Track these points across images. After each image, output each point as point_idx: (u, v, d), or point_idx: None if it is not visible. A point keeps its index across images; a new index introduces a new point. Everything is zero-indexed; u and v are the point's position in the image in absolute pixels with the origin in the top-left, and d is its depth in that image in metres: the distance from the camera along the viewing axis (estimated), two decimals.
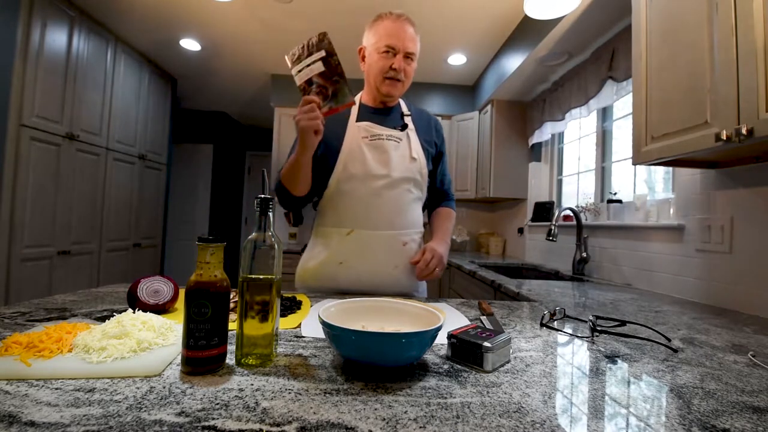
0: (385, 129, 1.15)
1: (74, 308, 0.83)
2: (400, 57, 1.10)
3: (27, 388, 0.44)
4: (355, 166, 1.11)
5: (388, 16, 1.12)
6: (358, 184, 1.11)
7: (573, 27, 1.97)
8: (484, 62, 3.13)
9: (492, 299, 1.41)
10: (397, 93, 1.15)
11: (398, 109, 1.22)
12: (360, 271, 1.12)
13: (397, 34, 1.09)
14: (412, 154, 1.15)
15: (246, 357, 0.54)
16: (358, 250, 1.12)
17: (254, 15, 2.57)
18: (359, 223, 1.11)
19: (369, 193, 1.11)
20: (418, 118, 1.24)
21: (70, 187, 2.49)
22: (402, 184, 1.13)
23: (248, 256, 0.55)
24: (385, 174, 1.11)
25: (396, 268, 1.14)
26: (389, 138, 1.14)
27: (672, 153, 1.07)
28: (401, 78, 1.12)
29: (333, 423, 0.39)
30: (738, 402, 0.48)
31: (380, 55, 1.11)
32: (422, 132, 1.21)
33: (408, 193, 1.15)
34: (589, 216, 2.10)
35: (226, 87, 3.98)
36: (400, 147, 1.15)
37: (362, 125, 1.14)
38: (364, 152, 1.11)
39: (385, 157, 1.12)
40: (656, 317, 1.00)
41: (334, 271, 1.13)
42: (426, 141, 1.21)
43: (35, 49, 2.17)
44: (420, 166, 1.16)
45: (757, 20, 0.83)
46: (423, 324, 0.61)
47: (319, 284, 1.16)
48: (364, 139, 1.12)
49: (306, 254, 1.22)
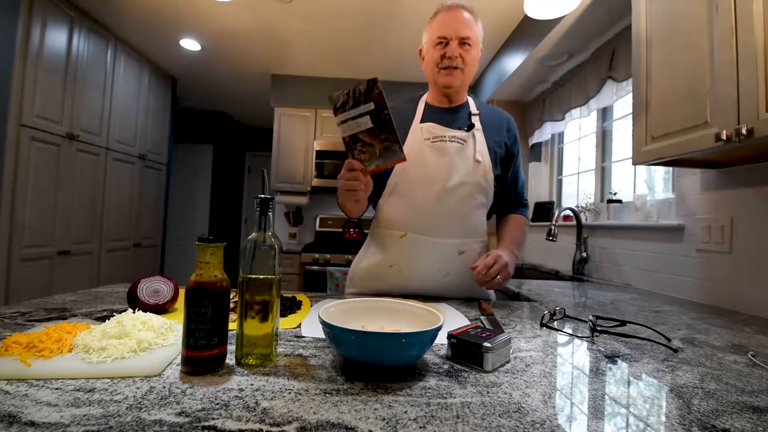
0: (449, 130, 1.08)
1: (74, 308, 0.83)
2: (453, 44, 1.04)
3: (27, 388, 0.44)
4: (415, 169, 1.06)
5: (441, 10, 1.08)
6: (416, 187, 1.06)
7: (573, 27, 1.97)
8: (484, 62, 3.13)
9: None
10: (457, 82, 1.08)
11: (466, 108, 1.15)
12: (409, 275, 1.08)
13: (448, 22, 1.05)
14: (476, 157, 1.07)
15: (246, 357, 0.54)
16: (409, 254, 1.07)
17: (254, 15, 2.57)
18: (413, 228, 1.07)
19: (427, 197, 1.06)
20: (488, 116, 1.15)
21: (70, 187, 2.49)
22: (463, 188, 1.06)
23: (248, 256, 0.55)
24: (446, 178, 1.05)
25: (447, 276, 1.08)
26: (452, 140, 1.07)
27: (672, 153, 1.07)
28: (457, 65, 1.05)
29: (333, 423, 0.39)
30: (738, 402, 0.48)
31: (434, 47, 1.07)
32: (491, 132, 1.12)
33: (470, 198, 1.07)
34: (589, 216, 2.10)
35: (226, 87, 3.98)
36: (465, 149, 1.07)
37: (425, 126, 1.09)
38: (425, 155, 1.06)
39: (447, 159, 1.06)
40: (656, 317, 1.00)
41: (384, 274, 1.10)
42: (495, 142, 1.12)
43: (35, 49, 2.17)
44: (485, 169, 1.08)
45: (757, 21, 0.83)
46: (423, 324, 0.61)
47: (367, 285, 1.13)
48: (426, 141, 1.07)
49: (360, 254, 1.19)
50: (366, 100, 0.80)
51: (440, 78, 1.08)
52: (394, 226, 1.09)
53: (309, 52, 3.10)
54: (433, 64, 1.08)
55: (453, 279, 1.09)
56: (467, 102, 1.16)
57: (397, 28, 2.67)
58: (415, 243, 1.07)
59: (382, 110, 0.79)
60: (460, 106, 1.14)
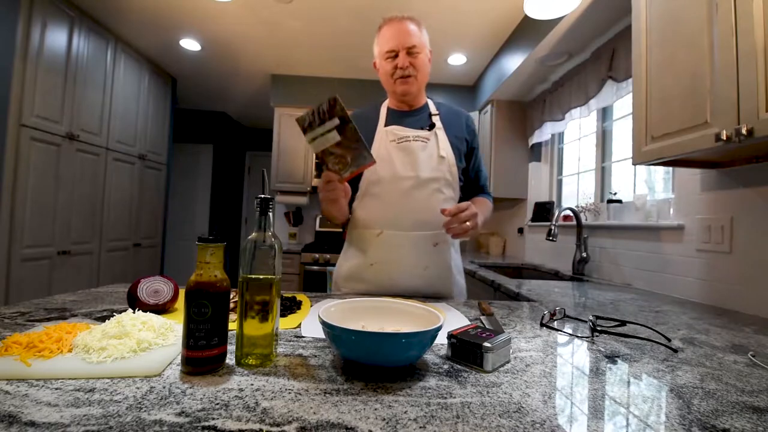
0: (412, 130, 1.16)
1: (74, 308, 0.83)
2: (402, 54, 1.12)
3: (27, 388, 0.44)
4: (384, 169, 1.12)
5: (385, 23, 1.17)
6: (387, 186, 1.12)
7: (573, 27, 1.97)
8: (484, 62, 3.13)
9: (492, 299, 1.41)
10: (413, 89, 1.16)
11: (425, 109, 1.23)
12: (391, 272, 1.12)
13: (395, 35, 1.13)
14: (440, 153, 1.14)
15: (246, 357, 0.54)
16: (388, 251, 1.12)
17: (254, 15, 2.57)
18: (389, 225, 1.12)
19: (398, 195, 1.12)
20: (447, 115, 1.23)
21: (70, 187, 2.49)
22: (431, 184, 1.13)
23: (248, 256, 0.55)
24: (413, 175, 1.12)
25: (427, 269, 1.13)
26: (416, 139, 1.14)
27: (672, 153, 1.07)
28: (410, 73, 1.13)
29: (333, 423, 0.39)
30: (738, 402, 0.48)
31: (386, 60, 1.15)
32: (452, 129, 1.20)
33: (438, 193, 1.14)
34: (589, 216, 2.10)
35: (226, 87, 3.98)
36: (428, 147, 1.14)
37: (389, 129, 1.16)
38: (392, 155, 1.13)
39: (413, 158, 1.13)
40: (656, 317, 1.00)
41: (365, 273, 1.14)
42: (456, 138, 1.19)
43: (35, 49, 2.17)
44: (449, 164, 1.15)
45: (757, 21, 0.83)
46: (423, 324, 0.61)
47: (351, 286, 1.17)
48: (391, 142, 1.14)
49: (341, 258, 1.24)
50: (330, 117, 0.86)
51: (397, 87, 1.16)
52: (370, 226, 1.14)
53: (309, 52, 3.10)
54: (388, 76, 1.16)
55: (432, 272, 1.14)
56: (427, 104, 1.24)
57: None
58: (392, 239, 1.12)
59: (346, 123, 0.87)
60: (419, 108, 1.23)
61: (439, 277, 1.15)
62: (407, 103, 1.20)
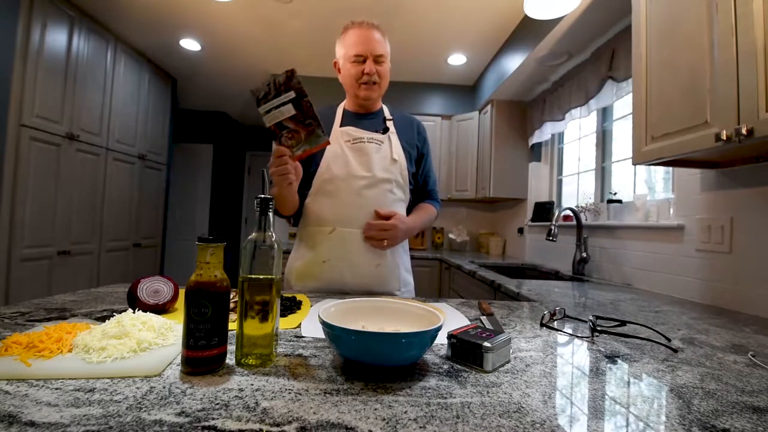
0: (367, 132, 1.20)
1: (74, 308, 0.83)
2: (370, 62, 1.16)
3: (27, 388, 0.44)
4: (338, 167, 1.15)
5: (352, 26, 1.19)
6: (340, 184, 1.15)
7: (573, 27, 1.97)
8: (484, 62, 3.13)
9: (492, 299, 1.41)
10: (375, 95, 1.20)
11: (381, 113, 1.27)
12: (343, 269, 1.15)
13: (363, 41, 1.16)
14: (393, 156, 1.19)
15: (246, 357, 0.54)
16: (340, 248, 1.14)
17: (254, 15, 2.57)
18: (341, 222, 1.14)
19: (351, 193, 1.14)
20: (400, 121, 1.28)
21: (70, 187, 2.49)
22: (383, 184, 1.17)
23: (248, 256, 0.55)
24: (368, 175, 1.15)
25: (378, 267, 1.16)
26: (370, 141, 1.18)
27: (672, 153, 1.07)
28: (375, 80, 1.17)
29: (333, 423, 0.39)
30: (738, 402, 0.48)
31: (351, 64, 1.17)
32: (404, 135, 1.25)
33: (389, 193, 1.18)
34: (589, 216, 2.10)
35: (226, 87, 3.98)
36: (382, 149, 1.19)
37: (344, 129, 1.19)
38: (347, 154, 1.16)
39: (366, 158, 1.16)
40: (656, 317, 1.00)
41: (318, 270, 1.16)
42: (408, 143, 1.25)
43: (35, 49, 2.17)
44: (401, 167, 1.20)
45: (757, 20, 0.83)
46: (423, 324, 0.61)
47: (303, 283, 1.18)
48: (346, 142, 1.18)
49: (292, 255, 1.25)
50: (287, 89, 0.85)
51: (361, 92, 1.19)
52: (323, 223, 1.16)
53: (309, 52, 3.10)
54: (353, 79, 1.19)
55: (383, 269, 1.17)
56: (382, 108, 1.29)
57: (397, 28, 2.67)
58: (344, 236, 1.14)
59: (302, 97, 0.85)
60: (375, 112, 1.27)
61: (390, 274, 1.18)
62: (365, 107, 1.24)
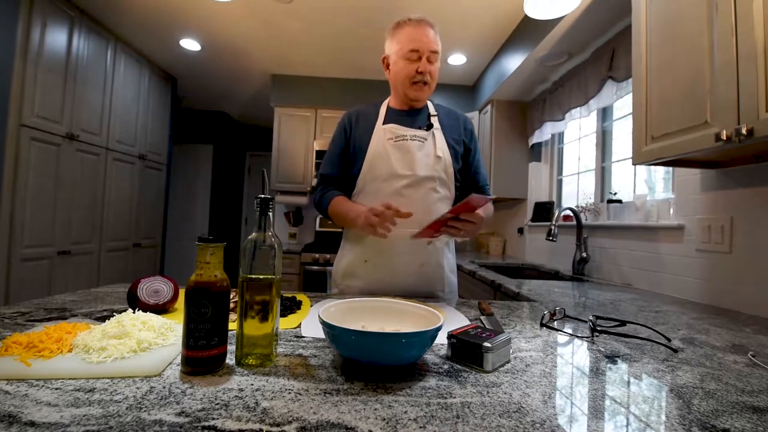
0: (410, 130, 1.16)
1: (74, 308, 0.83)
2: (425, 59, 1.12)
3: (27, 388, 0.44)
4: (380, 166, 1.13)
5: (408, 23, 1.14)
6: (382, 184, 1.13)
7: (573, 27, 1.97)
8: (484, 62, 3.13)
9: (492, 299, 1.41)
10: (425, 96, 1.17)
11: (425, 110, 1.23)
12: (384, 269, 1.14)
13: (420, 37, 1.11)
14: (437, 153, 1.15)
15: (246, 357, 0.54)
16: (381, 248, 1.13)
17: (254, 15, 2.57)
18: None
19: (392, 193, 1.12)
20: (445, 117, 1.23)
21: (70, 187, 2.49)
22: (426, 183, 1.13)
23: (248, 256, 0.55)
24: (409, 174, 1.12)
25: (422, 266, 1.14)
26: (413, 138, 1.15)
27: (672, 153, 1.07)
28: (427, 80, 1.13)
29: (333, 423, 0.39)
30: (738, 402, 0.48)
31: (405, 61, 1.13)
32: (449, 130, 1.21)
33: (433, 192, 1.14)
34: (589, 216, 2.10)
35: (226, 87, 3.98)
36: (425, 146, 1.15)
37: (388, 127, 1.16)
38: (389, 153, 1.13)
39: (409, 157, 1.13)
40: (656, 317, 1.00)
41: (360, 270, 1.16)
42: (453, 139, 1.20)
43: (35, 49, 2.17)
44: (445, 164, 1.16)
45: (757, 21, 0.83)
46: (423, 324, 0.61)
47: (347, 282, 1.18)
48: (389, 140, 1.14)
49: (338, 255, 1.26)
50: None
51: (411, 92, 1.15)
52: None
53: (309, 52, 3.10)
54: (405, 77, 1.14)
55: (427, 269, 1.15)
56: (426, 105, 1.24)
57: None
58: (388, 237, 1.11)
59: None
60: (419, 108, 1.23)
61: (433, 275, 1.16)
62: (412, 105, 1.20)
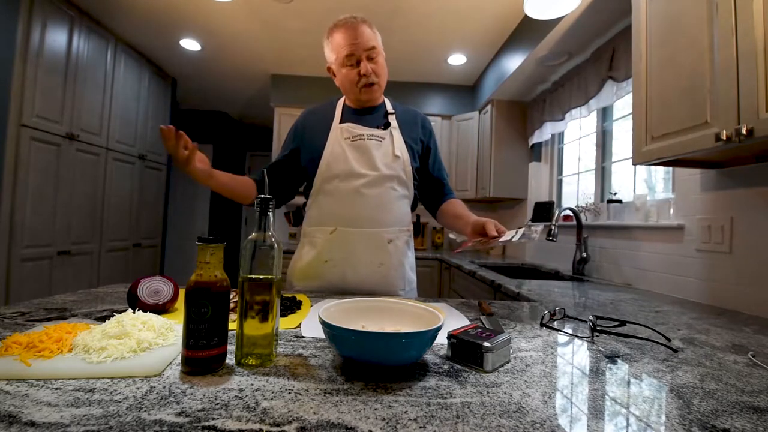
0: (367, 129, 1.15)
1: (74, 308, 0.83)
2: (364, 62, 1.10)
3: (27, 388, 0.44)
4: (338, 165, 1.12)
5: (336, 28, 1.12)
6: (340, 183, 1.12)
7: (573, 27, 1.97)
8: (484, 62, 3.13)
9: (492, 299, 1.41)
10: (377, 95, 1.16)
11: (382, 108, 1.22)
12: (345, 268, 1.13)
13: (351, 40, 1.09)
14: (395, 152, 1.14)
15: (246, 357, 0.54)
16: (342, 248, 1.12)
17: (254, 15, 2.57)
18: (342, 222, 1.12)
19: (351, 192, 1.11)
20: (403, 115, 1.23)
21: (70, 187, 2.49)
22: (385, 182, 1.13)
23: (248, 256, 0.55)
24: (367, 173, 1.11)
25: (381, 266, 1.14)
26: (371, 137, 1.14)
27: (672, 153, 1.07)
28: (373, 80, 1.12)
29: (333, 423, 0.39)
30: (738, 402, 0.48)
31: (346, 68, 1.12)
32: (407, 129, 1.20)
33: (392, 190, 1.14)
34: (589, 216, 2.10)
35: (226, 87, 3.98)
36: (383, 146, 1.14)
37: (344, 126, 1.15)
38: (346, 152, 1.13)
39: (367, 156, 1.12)
40: (656, 317, 1.00)
41: (320, 270, 1.15)
42: (411, 138, 1.20)
43: (35, 49, 2.17)
44: (404, 163, 1.15)
45: (757, 20, 0.83)
46: (423, 324, 0.61)
47: (304, 283, 1.17)
48: (346, 140, 1.14)
49: (295, 255, 1.24)
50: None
51: (362, 96, 1.15)
52: (324, 223, 1.15)
53: (309, 52, 3.10)
54: (351, 83, 1.13)
55: (387, 269, 1.14)
56: (383, 103, 1.23)
57: (397, 28, 2.67)
58: (346, 236, 1.12)
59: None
60: (376, 107, 1.21)
61: (394, 274, 1.15)
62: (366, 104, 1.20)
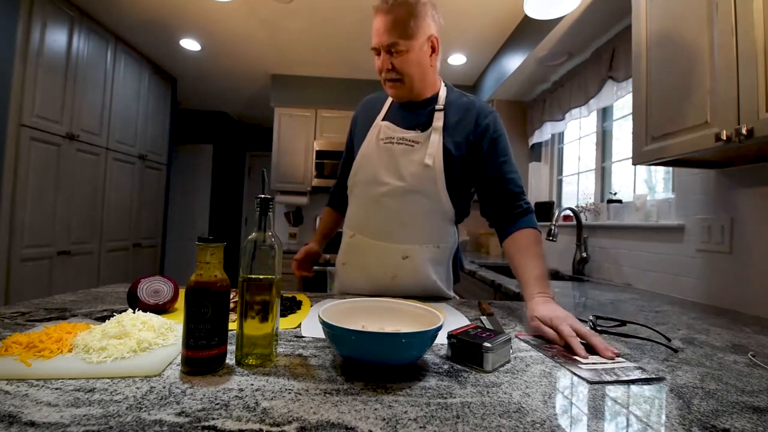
0: (401, 130, 1.03)
1: (74, 308, 0.83)
2: (382, 55, 0.99)
3: (27, 388, 0.44)
4: (365, 170, 1.06)
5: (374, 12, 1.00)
6: (363, 189, 1.07)
7: (573, 27, 1.97)
8: (484, 62, 3.13)
9: (492, 299, 1.41)
10: (401, 94, 1.03)
11: (432, 101, 1.06)
12: (358, 275, 1.11)
13: (376, 29, 0.98)
14: (425, 161, 0.99)
15: (246, 357, 0.54)
16: (357, 254, 1.10)
17: (254, 15, 2.57)
18: (359, 229, 1.09)
19: (370, 200, 1.05)
20: (454, 111, 1.03)
21: (70, 187, 2.49)
22: (407, 194, 1.00)
23: (248, 256, 0.55)
24: (389, 182, 1.01)
25: (394, 278, 1.05)
26: (400, 141, 1.02)
27: (672, 153, 1.07)
28: (393, 77, 0.99)
29: (333, 423, 0.39)
30: (738, 402, 0.48)
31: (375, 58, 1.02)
32: (453, 129, 1.01)
33: (415, 204, 1.01)
34: (589, 216, 2.10)
35: (226, 87, 3.98)
36: (414, 151, 1.00)
37: (383, 125, 1.07)
38: (375, 156, 1.05)
39: (393, 162, 1.02)
40: (656, 317, 1.00)
41: (339, 271, 1.16)
42: (454, 143, 1.00)
43: (35, 49, 2.17)
44: (435, 173, 0.99)
45: (757, 21, 0.83)
46: (423, 324, 0.61)
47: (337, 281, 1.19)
48: (380, 141, 1.04)
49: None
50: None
51: (387, 90, 1.05)
52: (348, 226, 1.14)
53: (309, 52, 3.10)
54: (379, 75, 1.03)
55: (401, 281, 1.05)
56: (435, 95, 1.06)
57: None
58: (359, 244, 1.09)
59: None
60: (424, 100, 1.06)
61: (408, 287, 1.05)
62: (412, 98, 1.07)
